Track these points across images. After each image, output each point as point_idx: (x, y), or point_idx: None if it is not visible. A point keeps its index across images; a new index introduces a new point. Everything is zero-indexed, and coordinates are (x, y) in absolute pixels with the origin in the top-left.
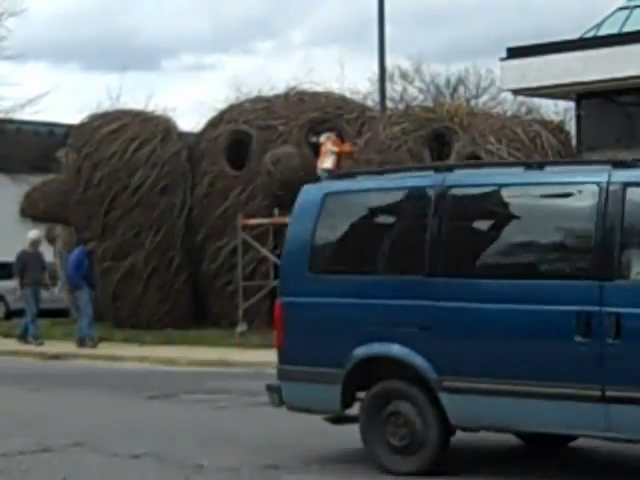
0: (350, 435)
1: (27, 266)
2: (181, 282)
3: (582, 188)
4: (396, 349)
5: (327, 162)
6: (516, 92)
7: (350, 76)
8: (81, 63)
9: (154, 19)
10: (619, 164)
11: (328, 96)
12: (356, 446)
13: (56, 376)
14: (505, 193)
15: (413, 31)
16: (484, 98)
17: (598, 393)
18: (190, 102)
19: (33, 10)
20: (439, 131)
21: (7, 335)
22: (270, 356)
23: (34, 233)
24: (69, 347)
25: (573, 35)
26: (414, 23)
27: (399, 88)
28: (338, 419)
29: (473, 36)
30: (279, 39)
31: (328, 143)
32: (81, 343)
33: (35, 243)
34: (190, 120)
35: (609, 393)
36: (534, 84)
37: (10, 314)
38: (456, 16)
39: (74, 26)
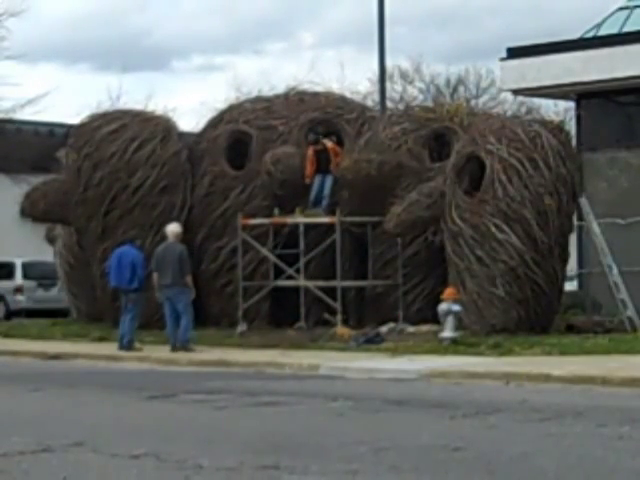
0: (350, 435)
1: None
2: None
3: None
4: None
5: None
6: (516, 92)
7: (354, 76)
8: (92, 64)
9: (166, 20)
10: None
11: (328, 96)
12: (356, 446)
13: (56, 376)
14: None
15: (422, 32)
16: (484, 98)
17: None
18: (197, 102)
19: (45, 11)
20: (439, 131)
21: (7, 335)
22: (270, 356)
23: (176, 226)
24: (69, 347)
25: (573, 35)
26: (423, 24)
27: (399, 88)
28: None
29: (481, 37)
30: (290, 40)
31: (309, 150)
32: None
33: (178, 235)
34: (193, 120)
35: None
36: (534, 84)
37: (10, 314)
38: (465, 17)
39: (86, 27)
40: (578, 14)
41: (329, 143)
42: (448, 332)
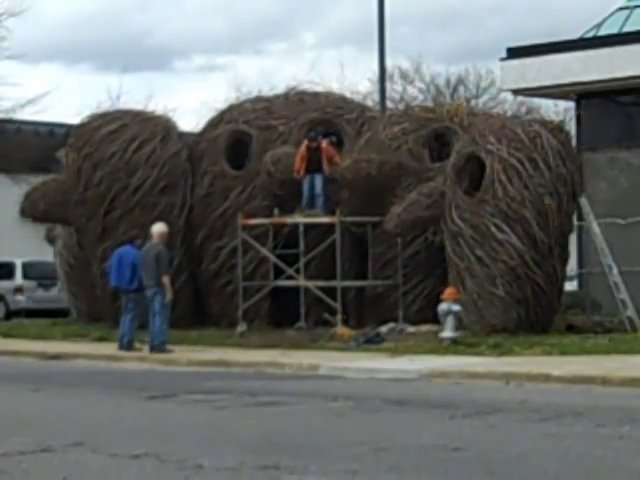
0: (350, 435)
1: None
2: (181, 282)
3: None
4: None
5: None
6: (516, 92)
7: (354, 76)
8: (93, 64)
9: (168, 20)
10: None
11: (328, 96)
12: (356, 446)
13: (56, 376)
14: None
15: (422, 32)
16: (484, 98)
17: None
18: (198, 102)
19: (46, 11)
20: (439, 131)
21: (7, 335)
22: (270, 356)
23: (161, 226)
24: (69, 347)
25: (573, 35)
26: (424, 24)
27: (399, 88)
28: None
29: (481, 37)
30: (291, 40)
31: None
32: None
33: (162, 235)
34: (193, 120)
35: None
36: (534, 84)
37: (10, 314)
38: (465, 17)
39: (87, 27)
40: (578, 14)
41: (324, 143)
42: (448, 332)
